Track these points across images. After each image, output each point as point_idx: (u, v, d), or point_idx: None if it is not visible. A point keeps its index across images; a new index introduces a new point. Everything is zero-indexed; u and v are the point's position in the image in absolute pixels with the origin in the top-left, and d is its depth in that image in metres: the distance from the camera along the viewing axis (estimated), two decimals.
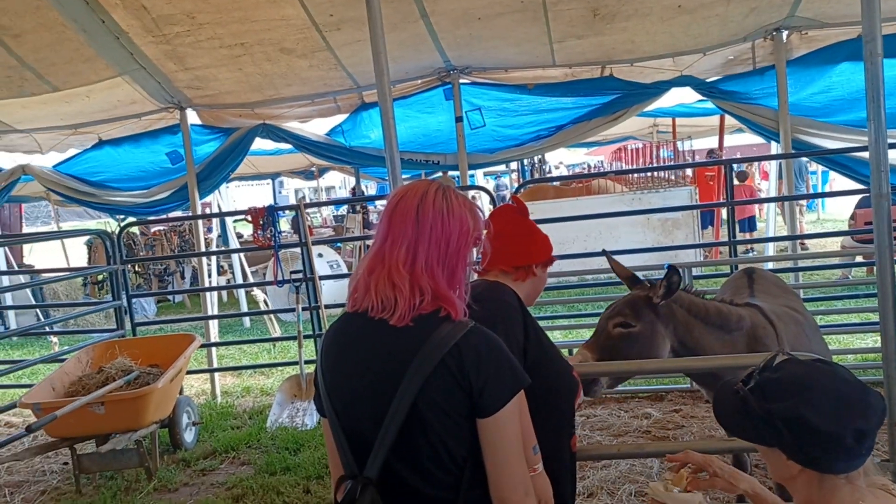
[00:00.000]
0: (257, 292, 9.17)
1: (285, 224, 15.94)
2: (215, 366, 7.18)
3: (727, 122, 11.30)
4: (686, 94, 8.92)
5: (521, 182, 12.77)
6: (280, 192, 25.94)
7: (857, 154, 5.69)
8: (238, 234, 13.34)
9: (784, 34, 5.77)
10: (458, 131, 6.33)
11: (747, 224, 12.43)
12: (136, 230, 12.44)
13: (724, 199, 8.42)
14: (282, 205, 9.07)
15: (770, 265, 6.37)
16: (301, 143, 7.08)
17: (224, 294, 12.31)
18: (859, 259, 8.85)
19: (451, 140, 6.57)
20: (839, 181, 15.24)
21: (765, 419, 1.47)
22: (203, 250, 8.06)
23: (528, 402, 1.75)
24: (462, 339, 1.58)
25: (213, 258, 10.40)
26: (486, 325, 1.68)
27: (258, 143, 7.80)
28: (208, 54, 5.86)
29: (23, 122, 7.11)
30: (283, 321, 9.68)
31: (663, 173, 13.14)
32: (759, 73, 5.94)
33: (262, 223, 6.32)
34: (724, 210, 11.31)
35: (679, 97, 10.75)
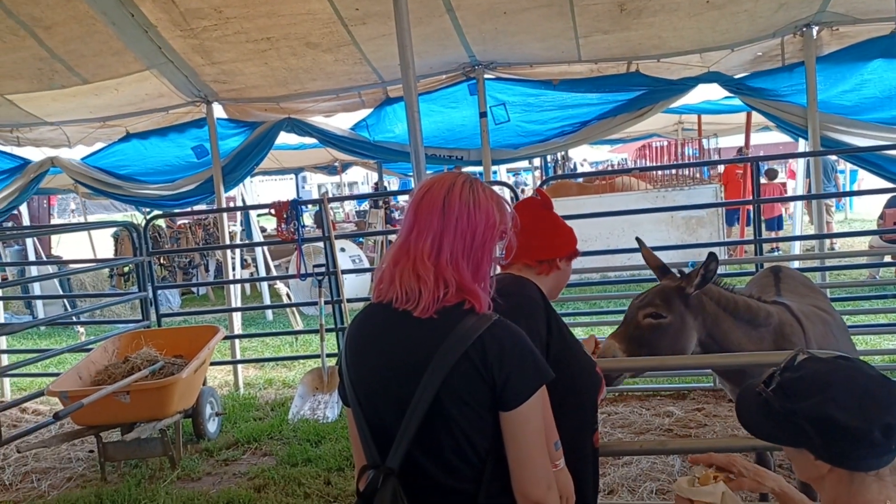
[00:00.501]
0: (280, 285, 9.25)
1: (308, 219, 16.00)
2: (238, 357, 7.25)
3: (754, 119, 11.16)
4: (713, 90, 8.84)
5: (544, 178, 12.72)
6: (303, 187, 26.12)
7: (887, 152, 5.60)
8: (262, 228, 13.44)
9: (814, 30, 5.67)
10: (483, 126, 6.31)
11: (775, 223, 12.28)
12: (161, 223, 12.58)
13: (750, 197, 8.31)
14: (305, 199, 9.12)
15: (796, 264, 6.29)
16: (325, 137, 7.11)
17: (247, 287, 12.42)
18: (888, 259, 8.71)
19: (474, 135, 6.56)
20: (867, 180, 15.01)
21: (789, 420, 1.45)
22: (227, 243, 8.13)
23: (551, 398, 1.74)
24: (486, 332, 1.58)
25: (237, 251, 10.51)
26: (509, 319, 1.67)
27: (282, 138, 7.84)
28: (235, 48, 5.89)
29: (52, 115, 7.20)
30: (305, 314, 9.75)
31: (688, 171, 13.02)
32: (787, 70, 5.85)
33: (285, 217, 6.37)
34: (748, 208, 11.17)
35: (705, 94, 10.66)
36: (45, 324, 10.04)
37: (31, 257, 11.90)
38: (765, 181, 12.94)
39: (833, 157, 11.31)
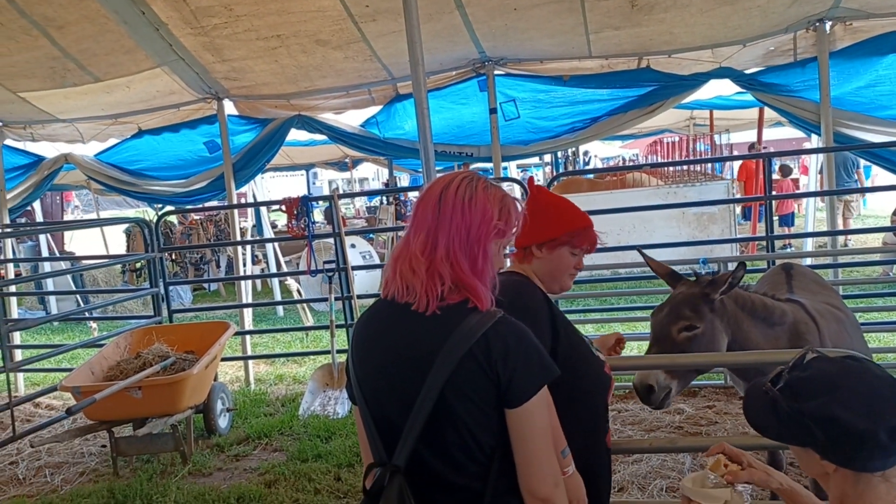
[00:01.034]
0: (291, 281, 9.27)
1: (318, 215, 16.07)
2: (249, 353, 7.28)
3: (766, 115, 11.10)
4: (724, 86, 8.77)
5: (555, 175, 12.68)
6: (314, 183, 26.14)
7: None
8: (272, 224, 13.48)
9: (827, 25, 5.62)
10: (493, 123, 6.30)
11: (788, 219, 12.21)
12: (173, 219, 12.64)
13: (763, 193, 8.26)
14: (315, 195, 9.14)
15: (808, 261, 6.25)
16: (336, 134, 7.12)
17: (258, 283, 12.46)
18: None
19: (484, 132, 6.55)
20: (881, 176, 14.89)
21: (796, 419, 1.44)
22: (238, 239, 8.16)
23: (563, 403, 1.75)
24: (490, 329, 1.58)
25: (248, 247, 10.55)
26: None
27: (293, 134, 7.87)
28: (245, 46, 5.91)
29: (65, 112, 7.25)
30: (315, 310, 9.77)
31: (699, 167, 12.95)
32: (800, 65, 5.80)
33: (296, 213, 6.39)
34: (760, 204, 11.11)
35: (717, 89, 10.58)
36: (58, 319, 10.14)
37: (45, 253, 11.99)
38: (778, 177, 12.87)
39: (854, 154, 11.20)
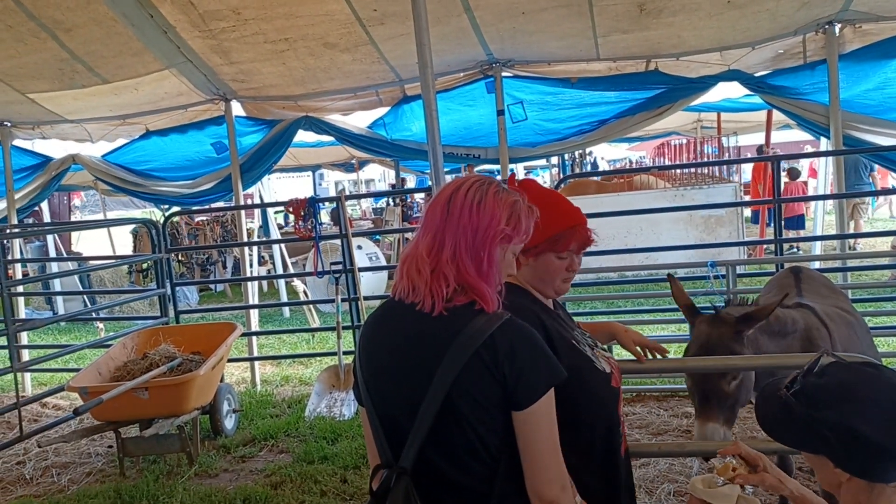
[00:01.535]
0: (297, 283, 9.30)
1: (325, 216, 16.09)
2: (255, 354, 7.28)
3: (774, 117, 11.05)
4: (733, 88, 8.75)
5: (562, 177, 12.67)
6: (320, 184, 26.22)
7: None
8: (279, 225, 13.50)
9: (836, 27, 5.60)
10: (500, 125, 6.29)
11: (795, 222, 12.16)
12: (179, 220, 12.67)
13: (771, 196, 8.23)
14: (322, 196, 9.14)
15: (817, 264, 6.22)
16: (343, 135, 7.12)
17: (264, 284, 12.48)
18: None
19: (492, 133, 6.54)
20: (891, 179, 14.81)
21: (811, 427, 1.42)
22: (245, 240, 8.17)
23: (577, 429, 1.74)
24: (497, 331, 1.58)
25: (255, 248, 10.56)
26: None
27: (299, 136, 7.87)
28: (253, 49, 5.92)
29: (73, 113, 7.28)
30: (321, 312, 9.79)
31: (707, 169, 12.92)
32: (809, 68, 5.78)
33: (303, 214, 6.39)
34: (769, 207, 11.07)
35: (725, 92, 10.56)
36: (65, 320, 10.18)
37: (52, 253, 12.03)
38: (786, 180, 12.83)
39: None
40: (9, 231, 7.58)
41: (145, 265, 11.90)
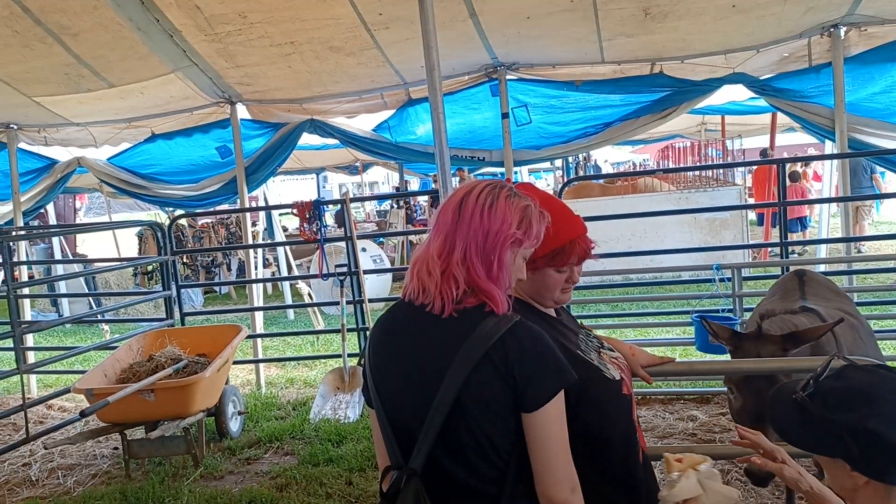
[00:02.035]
0: (302, 285, 9.30)
1: (328, 219, 16.11)
2: (260, 357, 7.29)
3: (778, 120, 11.06)
4: (737, 91, 8.74)
5: (566, 179, 12.67)
6: (324, 187, 26.25)
7: None
8: (283, 228, 13.53)
9: (842, 31, 5.59)
10: (504, 128, 6.30)
11: (798, 224, 12.15)
12: (183, 222, 12.71)
13: (774, 199, 8.22)
14: (328, 199, 9.15)
15: (822, 267, 6.21)
16: (348, 138, 7.14)
17: (269, 286, 12.50)
18: None
19: (496, 136, 6.55)
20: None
21: (828, 430, 1.42)
22: (250, 243, 8.19)
23: (593, 445, 1.73)
24: (507, 333, 1.58)
25: (259, 251, 10.58)
26: None
27: (304, 138, 7.89)
28: (259, 52, 5.94)
29: (79, 116, 7.30)
30: (326, 314, 9.79)
31: (711, 172, 12.92)
32: (814, 71, 5.77)
33: (308, 217, 6.41)
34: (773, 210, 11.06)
35: (730, 94, 10.55)
36: (70, 321, 10.20)
37: (57, 256, 12.07)
38: (788, 183, 12.82)
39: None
40: (15, 233, 7.61)
41: (149, 267, 11.93)
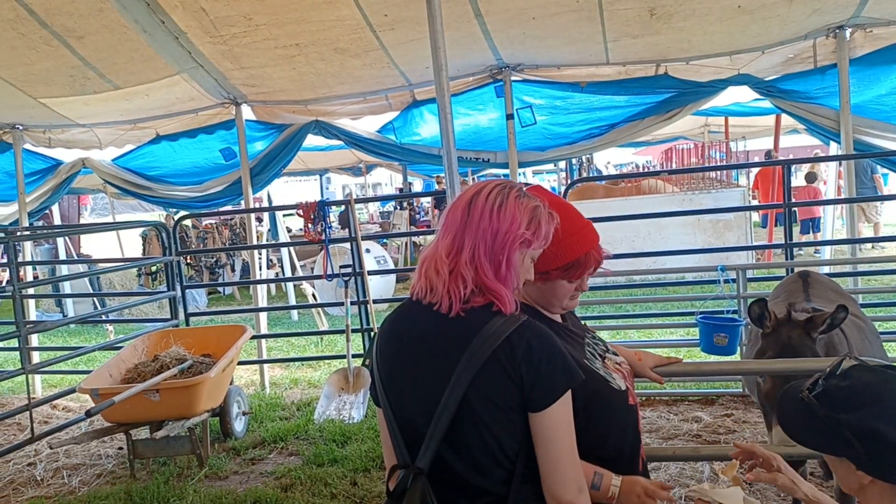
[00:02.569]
0: (306, 286, 9.31)
1: (332, 220, 16.10)
2: (265, 357, 7.30)
3: (782, 122, 11.03)
4: (741, 92, 8.74)
5: (570, 181, 12.67)
6: (327, 188, 26.25)
7: None
8: (287, 229, 13.54)
9: (847, 32, 5.59)
10: (509, 129, 6.30)
11: (810, 225, 12.11)
12: (188, 223, 12.72)
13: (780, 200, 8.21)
14: (332, 200, 9.15)
15: (826, 269, 6.20)
16: (352, 139, 7.15)
17: (273, 287, 12.51)
18: None
19: (501, 138, 6.55)
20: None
21: (834, 429, 1.43)
22: (254, 244, 8.20)
23: (602, 461, 1.74)
24: (514, 333, 1.58)
25: (264, 251, 10.59)
26: None
27: (308, 140, 7.90)
28: (264, 54, 5.95)
29: (84, 118, 7.32)
30: (329, 315, 9.80)
31: (714, 174, 12.91)
32: (819, 72, 5.77)
33: (312, 217, 6.41)
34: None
35: (734, 96, 10.53)
36: (75, 322, 10.19)
37: (62, 256, 12.09)
38: (804, 184, 12.83)
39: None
40: (20, 234, 7.63)
41: (154, 268, 11.96)
